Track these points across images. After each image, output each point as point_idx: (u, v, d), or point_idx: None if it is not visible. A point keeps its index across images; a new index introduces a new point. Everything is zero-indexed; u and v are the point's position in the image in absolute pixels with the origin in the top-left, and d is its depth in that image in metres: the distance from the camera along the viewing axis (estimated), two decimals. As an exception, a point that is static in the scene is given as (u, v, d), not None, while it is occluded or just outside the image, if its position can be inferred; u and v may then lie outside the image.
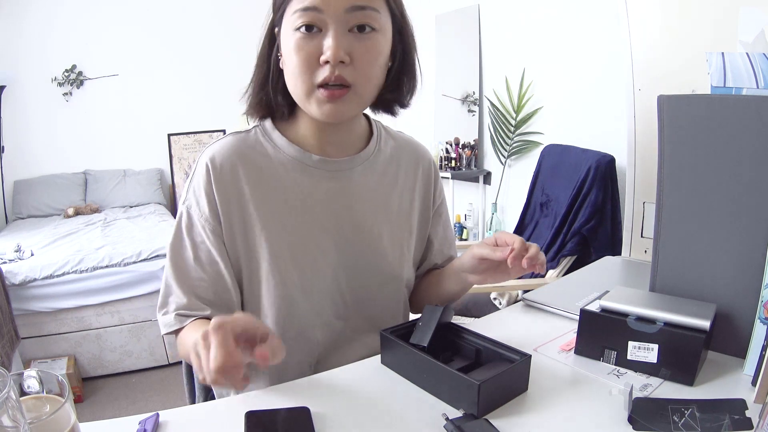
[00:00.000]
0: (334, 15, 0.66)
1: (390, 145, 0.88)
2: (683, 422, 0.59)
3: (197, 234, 0.76)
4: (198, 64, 3.99)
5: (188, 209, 0.77)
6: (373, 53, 0.70)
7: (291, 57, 0.69)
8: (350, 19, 0.67)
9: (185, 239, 0.76)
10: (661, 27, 1.13)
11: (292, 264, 0.77)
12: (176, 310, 0.74)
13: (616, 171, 2.11)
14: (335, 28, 0.67)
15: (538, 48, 2.63)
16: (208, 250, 0.75)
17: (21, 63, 3.51)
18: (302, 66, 0.68)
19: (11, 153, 3.51)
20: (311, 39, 0.68)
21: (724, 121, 0.75)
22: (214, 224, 0.75)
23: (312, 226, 0.78)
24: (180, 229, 0.77)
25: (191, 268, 0.75)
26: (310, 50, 0.68)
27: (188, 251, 0.76)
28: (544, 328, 0.87)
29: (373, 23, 0.69)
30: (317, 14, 0.66)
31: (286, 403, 0.63)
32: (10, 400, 0.36)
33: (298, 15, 0.67)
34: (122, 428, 0.60)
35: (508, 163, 2.88)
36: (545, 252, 2.20)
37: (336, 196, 0.80)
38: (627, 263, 1.22)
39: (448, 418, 0.59)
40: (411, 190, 0.88)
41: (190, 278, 0.75)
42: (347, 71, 0.68)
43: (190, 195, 0.77)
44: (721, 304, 0.74)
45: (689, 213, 0.79)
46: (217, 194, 0.75)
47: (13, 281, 2.31)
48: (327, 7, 0.66)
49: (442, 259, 0.94)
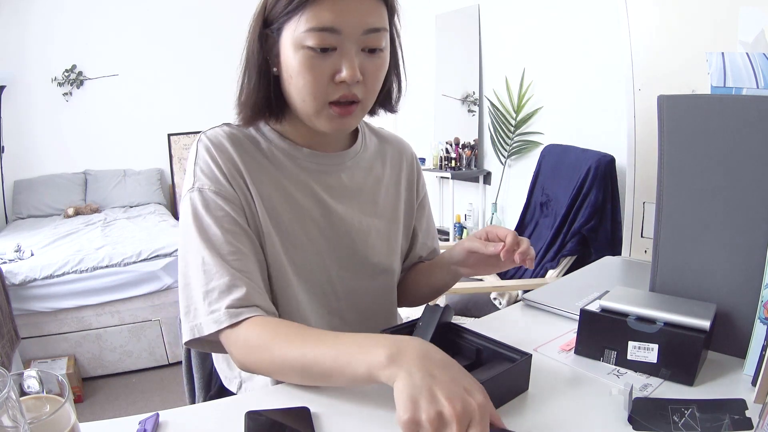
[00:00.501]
0: (352, 37, 0.67)
1: (374, 142, 0.91)
2: (683, 422, 0.59)
3: (217, 208, 0.71)
4: (198, 64, 4.00)
5: (200, 189, 0.72)
6: (381, 71, 0.73)
7: (300, 74, 0.69)
8: (365, 40, 0.68)
9: (206, 218, 0.70)
10: (661, 27, 1.13)
11: (284, 247, 0.77)
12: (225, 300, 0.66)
13: (616, 171, 2.11)
14: (351, 49, 0.67)
15: (538, 48, 2.63)
16: (233, 220, 0.71)
17: (21, 63, 3.51)
18: (315, 85, 0.69)
19: (11, 153, 3.52)
20: (325, 58, 0.67)
21: (724, 121, 0.75)
22: (229, 193, 0.72)
23: (302, 215, 0.79)
24: (197, 211, 0.71)
25: (222, 242, 0.69)
26: (323, 70, 0.68)
27: (214, 228, 0.70)
28: (544, 328, 0.87)
29: (382, 44, 0.71)
30: (333, 36, 0.66)
31: (286, 403, 0.63)
32: (10, 400, 0.36)
33: (312, 34, 0.66)
34: (122, 428, 0.59)
35: (508, 163, 2.88)
36: (545, 252, 2.20)
37: (325, 190, 0.81)
38: (627, 263, 1.22)
39: None
40: (396, 183, 0.91)
41: (225, 252, 0.68)
42: (358, 88, 0.70)
43: (198, 175, 0.73)
44: (721, 304, 0.74)
45: (689, 213, 0.79)
46: (224, 166, 0.73)
47: (13, 281, 2.31)
48: (346, 28, 0.66)
49: (426, 252, 0.97)
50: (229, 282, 0.67)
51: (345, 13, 0.66)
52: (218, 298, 0.66)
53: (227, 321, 0.65)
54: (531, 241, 0.72)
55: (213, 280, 0.67)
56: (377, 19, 0.69)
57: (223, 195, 0.72)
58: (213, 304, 0.66)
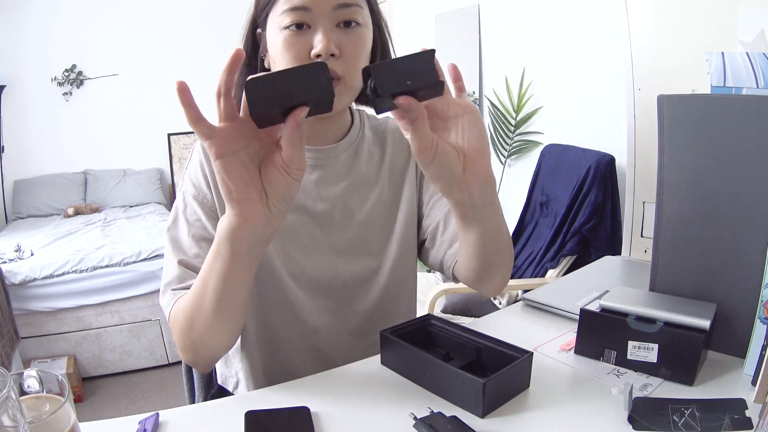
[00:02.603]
0: (322, 13, 0.69)
1: (372, 128, 0.90)
2: (683, 422, 0.59)
3: (191, 213, 0.77)
4: (198, 64, 3.98)
5: (183, 193, 0.78)
6: (359, 45, 0.73)
7: (281, 55, 0.71)
8: (337, 15, 0.70)
9: (180, 220, 0.77)
10: (661, 27, 1.13)
11: (278, 250, 0.78)
12: (173, 286, 0.73)
13: (616, 171, 2.11)
14: (324, 24, 0.69)
15: (538, 48, 2.63)
16: (203, 225, 0.76)
17: (21, 63, 3.51)
18: (293, 62, 0.70)
19: (11, 153, 3.52)
20: (300, 36, 0.70)
21: (724, 121, 0.75)
22: (207, 199, 0.77)
23: (301, 215, 0.80)
24: (176, 212, 0.78)
25: (185, 245, 0.75)
26: (300, 47, 0.70)
27: (183, 230, 0.76)
28: (544, 327, 0.87)
29: (357, 18, 0.72)
30: (306, 13, 0.69)
31: (286, 403, 0.63)
32: (10, 400, 0.36)
33: (286, 14, 0.69)
34: (122, 428, 0.59)
35: (508, 162, 2.88)
36: (545, 252, 2.20)
37: (325, 183, 0.81)
38: (627, 263, 1.22)
39: (416, 418, 0.59)
40: (404, 163, 0.89)
41: (185, 255, 0.75)
42: (337, 64, 0.70)
43: (186, 180, 0.80)
44: (721, 304, 0.74)
45: (689, 213, 0.79)
46: (209, 171, 0.77)
47: (13, 281, 2.31)
48: (315, 5, 0.69)
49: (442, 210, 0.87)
50: (180, 275, 0.73)
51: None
52: (166, 288, 0.73)
53: (169, 306, 0.70)
54: (531, 241, 0.71)
55: (168, 275, 0.74)
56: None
57: (200, 200, 0.77)
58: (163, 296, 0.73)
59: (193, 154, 0.81)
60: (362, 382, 0.71)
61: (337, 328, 0.84)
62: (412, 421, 0.59)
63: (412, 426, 0.58)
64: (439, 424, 0.57)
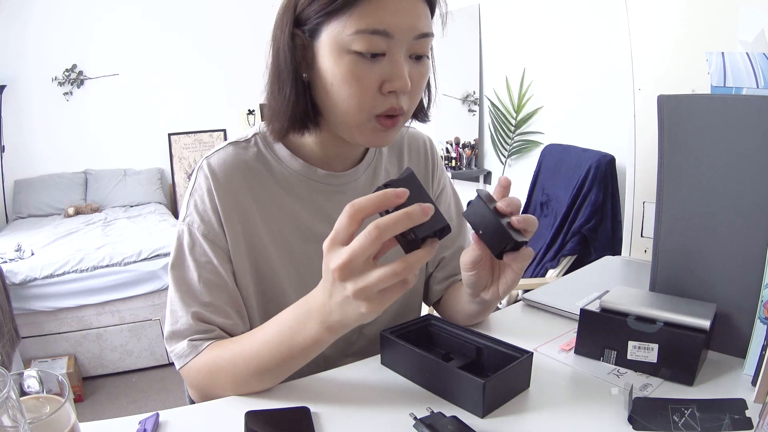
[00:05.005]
0: (403, 41, 0.60)
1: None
2: (683, 422, 0.59)
3: (201, 253, 0.70)
4: (198, 64, 3.99)
5: (189, 226, 0.71)
6: (425, 79, 0.68)
7: (345, 82, 0.62)
8: (414, 46, 0.62)
9: (188, 259, 0.70)
10: (661, 27, 1.13)
11: (294, 280, 0.76)
12: (189, 337, 0.69)
13: (616, 171, 2.11)
14: (401, 55, 0.61)
15: (538, 48, 2.63)
16: (214, 269, 0.70)
17: (21, 62, 3.51)
18: (362, 95, 0.62)
19: (11, 153, 3.52)
20: (373, 65, 0.61)
21: (724, 121, 0.75)
22: (219, 239, 0.70)
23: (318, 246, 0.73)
24: (181, 248, 0.71)
25: (197, 291, 0.69)
26: (372, 78, 0.61)
27: (192, 272, 0.70)
28: (544, 328, 0.87)
29: (428, 51, 0.65)
30: (384, 40, 0.59)
31: (286, 403, 0.63)
32: (10, 400, 0.36)
33: (361, 37, 0.59)
34: (122, 428, 0.59)
35: (509, 162, 2.88)
36: (545, 252, 2.20)
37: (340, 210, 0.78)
38: (627, 263, 1.22)
39: (416, 418, 0.59)
40: (421, 178, 0.86)
41: (197, 302, 0.69)
42: (404, 99, 0.64)
43: (191, 210, 0.71)
44: (721, 304, 0.74)
45: (689, 213, 0.79)
46: (221, 205, 0.70)
47: (14, 281, 2.32)
48: (398, 32, 0.60)
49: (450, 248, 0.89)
50: (195, 326, 0.69)
51: (397, 14, 0.59)
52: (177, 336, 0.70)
53: (187, 357, 0.68)
54: (531, 241, 0.70)
55: (178, 323, 0.70)
56: (427, 23, 0.63)
57: (211, 239, 0.70)
58: (173, 344, 0.70)
59: (198, 179, 0.72)
60: (362, 382, 0.71)
61: (342, 349, 0.82)
62: (412, 421, 0.59)
63: (412, 426, 0.58)
64: (439, 425, 0.57)
